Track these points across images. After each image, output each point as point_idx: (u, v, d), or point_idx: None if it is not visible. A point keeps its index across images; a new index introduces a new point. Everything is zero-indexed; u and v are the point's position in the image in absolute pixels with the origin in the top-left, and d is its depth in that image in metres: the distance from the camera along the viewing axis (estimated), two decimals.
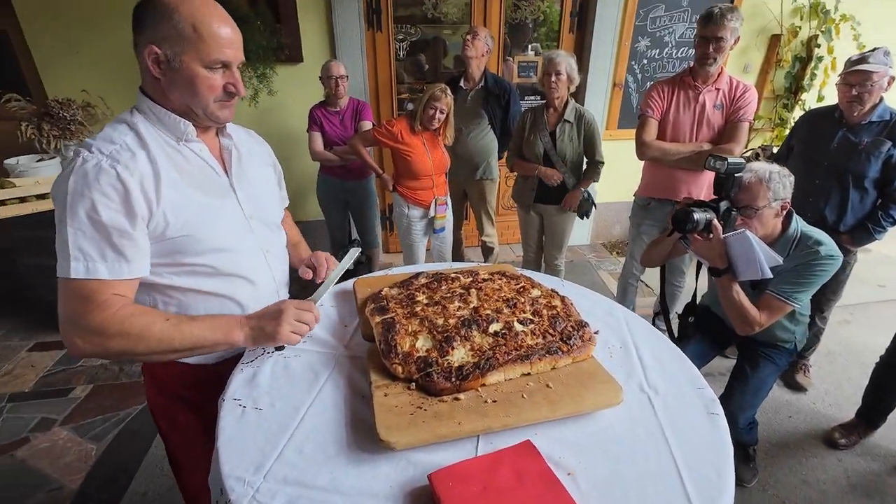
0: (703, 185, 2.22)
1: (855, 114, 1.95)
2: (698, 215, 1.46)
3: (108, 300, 0.81)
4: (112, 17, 2.82)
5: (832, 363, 2.60)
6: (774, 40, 3.61)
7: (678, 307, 2.74)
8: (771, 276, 1.48)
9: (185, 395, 1.05)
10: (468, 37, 2.68)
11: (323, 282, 1.14)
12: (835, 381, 2.46)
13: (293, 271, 1.21)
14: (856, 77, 1.89)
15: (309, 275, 1.20)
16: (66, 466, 1.92)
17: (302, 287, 1.19)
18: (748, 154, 3.67)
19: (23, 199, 2.43)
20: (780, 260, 1.46)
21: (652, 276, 3.46)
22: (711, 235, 1.48)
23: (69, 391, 2.34)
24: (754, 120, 3.83)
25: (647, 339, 1.07)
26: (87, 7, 2.78)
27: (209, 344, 0.88)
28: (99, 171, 0.79)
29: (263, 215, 1.05)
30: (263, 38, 2.88)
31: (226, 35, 0.85)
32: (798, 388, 2.38)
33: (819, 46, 3.55)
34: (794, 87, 3.70)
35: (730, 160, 1.42)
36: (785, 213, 1.56)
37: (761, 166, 1.51)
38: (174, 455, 1.16)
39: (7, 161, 2.64)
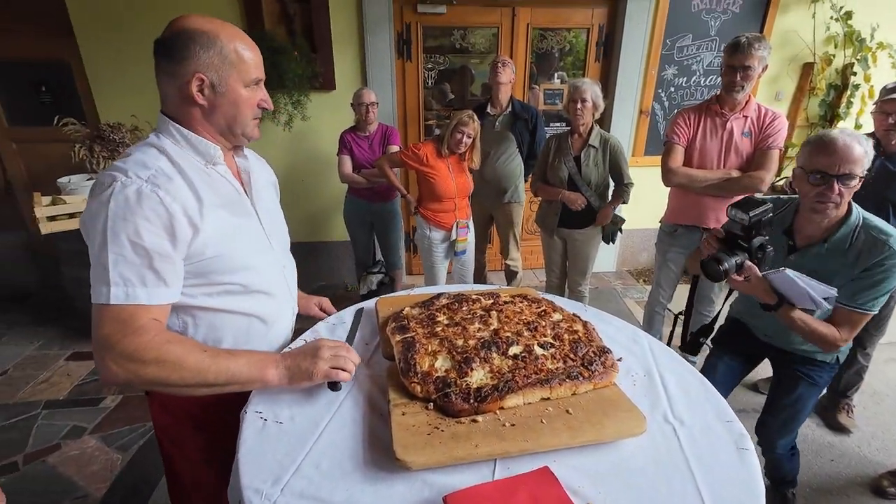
0: None
1: (893, 142, 1.89)
2: (727, 263, 1.33)
3: (146, 325, 0.80)
4: None
5: (878, 404, 2.43)
6: (807, 68, 3.56)
7: (710, 339, 2.65)
8: (829, 307, 1.31)
9: (192, 413, 1.02)
10: (499, 64, 2.76)
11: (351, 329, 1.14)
12: (882, 423, 2.30)
13: None
14: (892, 105, 1.84)
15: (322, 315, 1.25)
16: (93, 475, 1.97)
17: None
18: (781, 182, 3.58)
19: (71, 216, 2.59)
20: (833, 293, 1.28)
21: (679, 304, 3.36)
22: (748, 276, 1.35)
23: (100, 400, 2.42)
24: (788, 148, 3.74)
25: (673, 368, 1.04)
26: (143, 42, 3.01)
27: (243, 381, 0.85)
28: (140, 195, 0.79)
29: (278, 232, 1.09)
30: (300, 68, 3.03)
31: (256, 55, 0.91)
32: (841, 429, 2.23)
33: (855, 74, 3.47)
34: (830, 116, 3.61)
35: (751, 213, 1.29)
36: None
37: (844, 130, 1.35)
38: (175, 476, 1.12)
39: (60, 180, 2.82)
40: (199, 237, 0.85)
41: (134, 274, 0.79)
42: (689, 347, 1.76)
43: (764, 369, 2.68)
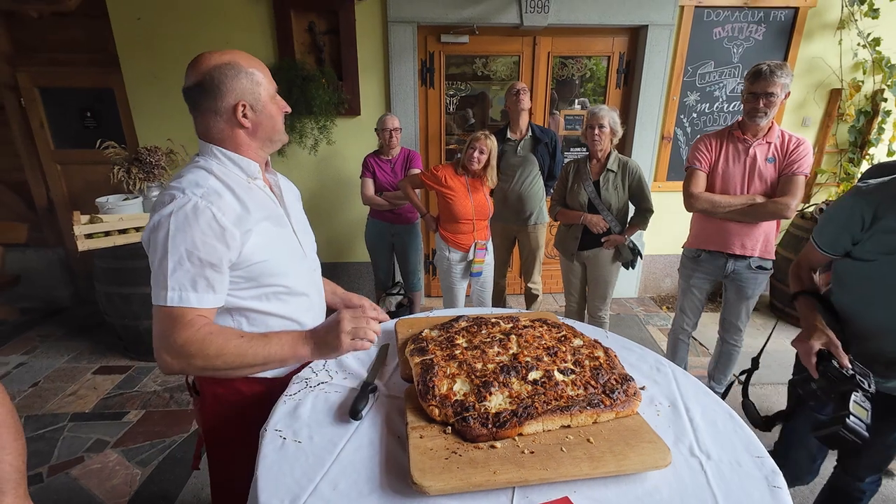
0: (757, 238, 2.13)
1: None
2: (853, 421, 1.00)
3: (193, 320, 0.91)
4: None
5: None
6: (834, 94, 3.51)
7: (736, 369, 2.55)
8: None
9: (242, 412, 1.08)
10: (520, 91, 2.82)
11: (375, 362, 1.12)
12: None
13: None
14: None
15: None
16: (112, 489, 1.99)
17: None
18: (811, 210, 3.49)
19: (107, 234, 2.71)
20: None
21: (704, 333, 3.26)
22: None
23: (123, 415, 2.47)
24: (817, 174, 3.66)
25: (699, 399, 1.01)
26: (181, 71, 3.19)
27: (279, 359, 0.98)
28: (196, 210, 0.90)
29: (309, 240, 1.19)
30: (327, 95, 3.15)
31: (266, 69, 1.03)
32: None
33: (886, 101, 3.40)
34: (861, 142, 3.53)
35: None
36: None
37: None
38: (217, 473, 1.18)
39: (98, 199, 2.97)
40: (248, 245, 0.96)
41: (188, 280, 0.91)
42: (762, 424, 1.47)
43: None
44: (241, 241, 0.94)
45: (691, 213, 2.30)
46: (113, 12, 3.06)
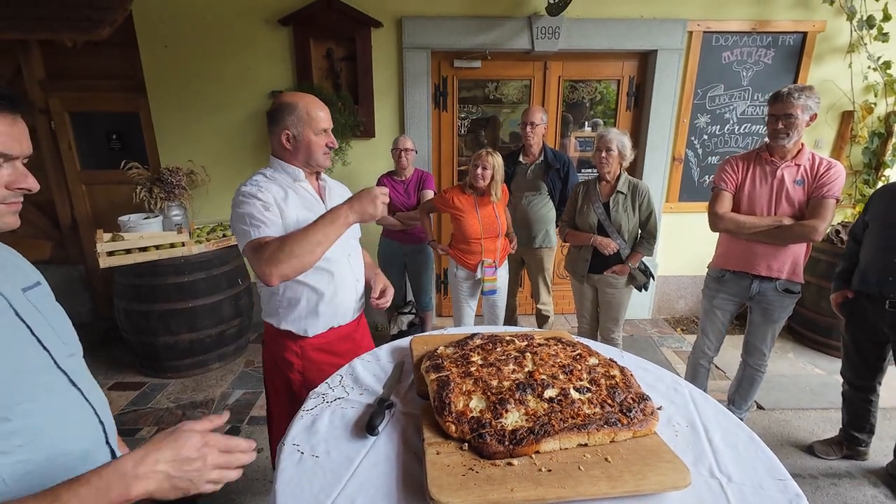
0: (784, 260, 2.10)
1: None
2: None
3: (267, 243, 1.26)
4: (222, 106, 3.34)
5: None
6: (846, 116, 3.51)
7: (757, 396, 2.49)
8: None
9: (285, 357, 1.48)
10: (528, 128, 2.87)
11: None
12: None
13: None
14: None
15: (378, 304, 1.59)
16: None
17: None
18: (829, 231, 3.45)
19: (128, 251, 2.78)
20: None
21: (722, 356, 3.20)
22: None
23: (136, 431, 2.48)
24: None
25: (718, 421, 1.00)
26: (206, 97, 3.32)
27: (334, 227, 1.28)
28: (248, 192, 1.34)
29: (347, 234, 1.43)
30: (343, 118, 3.24)
31: (324, 114, 1.40)
32: None
33: None
34: (876, 163, 3.51)
35: None
36: None
37: None
38: (270, 402, 1.61)
39: (121, 218, 3.06)
40: (285, 217, 1.34)
41: (254, 224, 1.30)
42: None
43: (822, 429, 2.48)
44: (279, 213, 1.33)
45: (716, 234, 2.29)
46: (142, 41, 3.22)
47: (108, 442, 0.87)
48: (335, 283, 1.45)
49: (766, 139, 2.11)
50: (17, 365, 0.71)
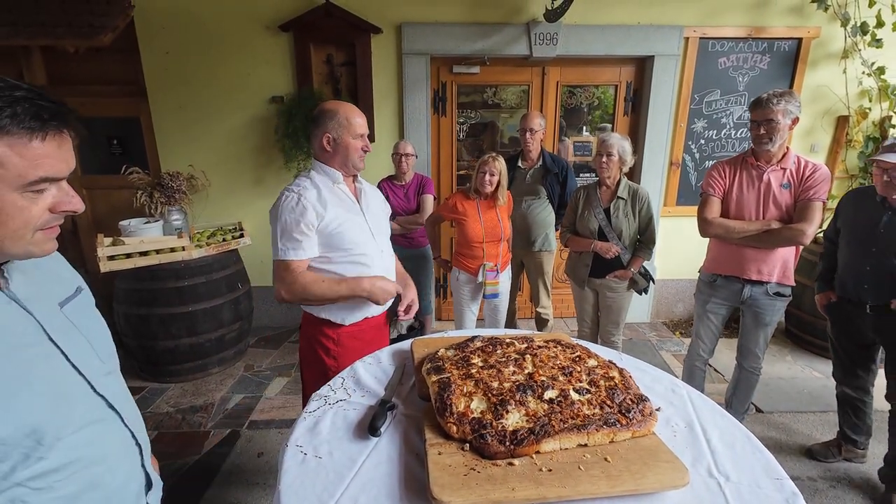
0: (774, 264, 2.12)
1: (895, 197, 1.87)
2: None
3: (294, 268, 1.45)
4: (222, 110, 3.36)
5: None
6: (842, 121, 3.55)
7: (755, 398, 2.50)
8: None
9: (321, 342, 1.59)
10: (528, 134, 2.90)
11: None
12: None
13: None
14: (886, 164, 1.84)
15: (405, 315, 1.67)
16: None
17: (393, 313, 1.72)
18: (821, 234, 3.47)
19: (128, 256, 2.79)
20: None
21: (720, 359, 3.21)
22: None
23: None
24: (828, 200, 3.66)
25: (715, 421, 1.01)
26: (207, 102, 3.35)
27: (349, 294, 1.48)
28: (294, 198, 1.44)
29: (380, 229, 1.65)
30: None
31: (361, 121, 1.53)
32: None
33: (894, 127, 3.43)
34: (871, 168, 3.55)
35: None
36: None
37: None
38: (306, 389, 1.71)
39: (121, 222, 3.07)
40: (325, 220, 1.46)
41: (288, 243, 1.44)
42: None
43: (821, 432, 2.49)
44: (320, 218, 1.45)
45: (706, 238, 2.31)
46: (143, 47, 3.24)
47: (143, 465, 0.84)
48: (371, 272, 1.56)
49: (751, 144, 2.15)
50: (55, 399, 0.66)
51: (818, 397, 2.82)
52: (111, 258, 2.75)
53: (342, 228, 1.48)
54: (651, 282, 2.59)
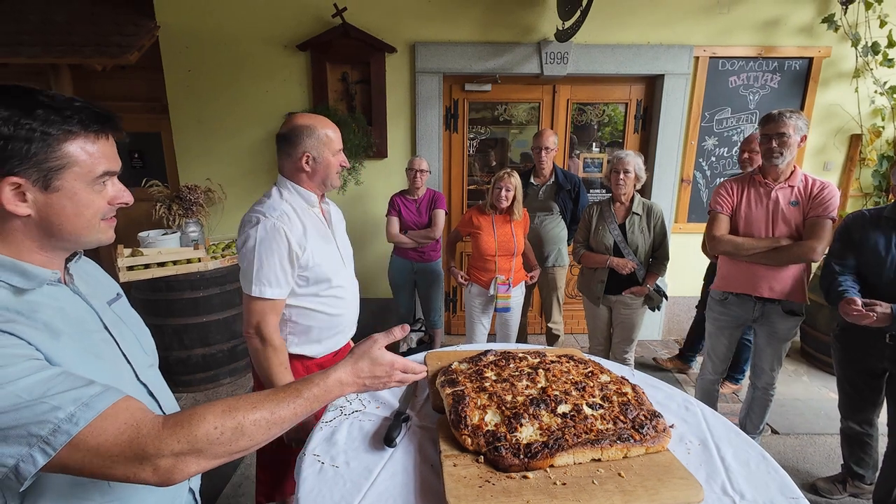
0: (785, 282, 2.10)
1: None
2: None
3: (266, 309, 1.30)
4: (240, 127, 3.46)
5: None
6: (855, 139, 3.54)
7: (771, 419, 2.45)
8: None
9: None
10: (543, 152, 2.94)
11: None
12: None
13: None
14: None
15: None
16: None
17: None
18: None
19: (147, 266, 2.85)
20: None
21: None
22: None
23: None
24: (841, 217, 3.63)
25: (730, 439, 1.01)
26: (225, 118, 3.45)
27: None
28: (275, 228, 1.28)
29: (348, 253, 1.56)
30: (357, 138, 3.34)
31: (338, 135, 1.41)
32: None
33: None
34: (886, 186, 3.52)
35: None
36: None
37: None
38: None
39: (140, 234, 3.14)
40: (305, 254, 1.33)
41: (264, 279, 1.28)
42: None
43: (838, 455, 2.44)
44: (301, 252, 1.31)
45: (718, 256, 2.30)
46: (167, 65, 3.36)
47: None
48: (345, 302, 1.49)
49: (761, 161, 2.15)
50: (115, 375, 0.74)
51: (835, 419, 2.75)
52: (130, 268, 2.81)
53: (321, 261, 1.37)
54: (665, 298, 2.58)
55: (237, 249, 1.34)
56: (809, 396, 3.06)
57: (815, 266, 2.24)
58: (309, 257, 1.33)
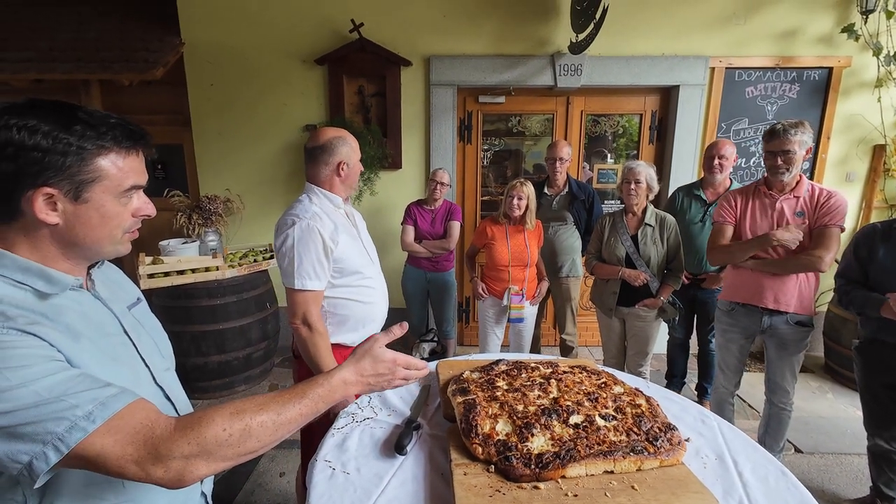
0: (791, 293, 2.06)
1: None
2: None
3: (308, 300, 1.42)
4: (259, 138, 3.55)
5: None
6: (878, 150, 3.46)
7: (794, 437, 2.37)
8: None
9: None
10: (557, 164, 2.95)
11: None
12: None
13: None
14: None
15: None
16: None
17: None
18: None
19: (167, 274, 2.92)
20: None
21: (753, 394, 3.08)
22: None
23: None
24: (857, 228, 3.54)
25: (748, 453, 0.98)
26: (245, 130, 3.55)
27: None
28: (309, 227, 1.41)
29: (373, 250, 1.69)
30: (372, 150, 3.39)
31: (357, 143, 1.57)
32: None
33: None
34: None
35: None
36: None
37: None
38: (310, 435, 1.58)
39: (161, 242, 3.23)
40: (337, 250, 1.46)
41: (304, 273, 1.41)
42: None
43: (866, 475, 2.34)
44: (334, 246, 1.44)
45: (715, 267, 2.30)
46: (191, 80, 3.48)
47: None
48: (376, 292, 1.62)
49: (766, 173, 2.12)
50: (133, 378, 0.76)
51: (861, 438, 2.65)
52: (150, 276, 2.89)
53: (350, 255, 1.50)
54: (679, 311, 2.54)
55: (275, 250, 1.48)
56: (834, 414, 2.95)
57: (823, 277, 2.17)
58: (341, 250, 1.46)
